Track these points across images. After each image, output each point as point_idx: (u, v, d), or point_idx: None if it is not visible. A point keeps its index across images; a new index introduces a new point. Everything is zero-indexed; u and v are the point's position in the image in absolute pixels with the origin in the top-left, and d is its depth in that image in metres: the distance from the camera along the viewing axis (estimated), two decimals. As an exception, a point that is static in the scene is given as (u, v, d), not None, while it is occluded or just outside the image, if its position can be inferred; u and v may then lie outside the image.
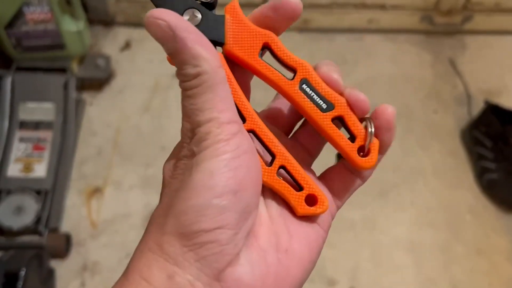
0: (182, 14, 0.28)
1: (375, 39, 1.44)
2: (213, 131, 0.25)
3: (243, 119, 0.29)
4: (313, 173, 0.32)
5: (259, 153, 0.29)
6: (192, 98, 0.26)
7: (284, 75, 0.30)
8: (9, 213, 1.03)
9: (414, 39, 1.44)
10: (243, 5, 0.30)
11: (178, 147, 0.28)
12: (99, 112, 1.27)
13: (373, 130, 0.29)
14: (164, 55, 0.27)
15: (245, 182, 0.26)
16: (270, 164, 0.29)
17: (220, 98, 0.26)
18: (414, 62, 1.40)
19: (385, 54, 1.41)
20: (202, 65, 0.25)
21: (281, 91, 0.30)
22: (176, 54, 0.26)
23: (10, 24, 1.14)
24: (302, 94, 0.30)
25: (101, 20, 1.40)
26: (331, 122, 0.30)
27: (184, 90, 0.26)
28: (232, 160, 0.25)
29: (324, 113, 0.30)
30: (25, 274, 0.88)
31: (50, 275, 1.00)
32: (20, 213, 1.03)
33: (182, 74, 0.26)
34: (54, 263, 1.03)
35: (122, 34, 1.40)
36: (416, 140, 1.26)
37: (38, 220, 1.04)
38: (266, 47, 0.30)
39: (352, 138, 0.30)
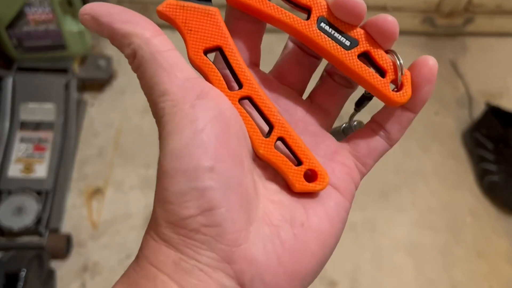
0: None
1: (376, 40, 1.44)
2: (166, 105, 0.23)
3: (240, 85, 0.26)
4: (330, 138, 0.30)
5: (256, 122, 0.27)
6: (142, 79, 0.24)
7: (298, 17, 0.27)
8: (10, 214, 1.03)
9: (416, 41, 1.44)
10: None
11: None
12: (100, 112, 1.27)
13: (401, 61, 0.27)
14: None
15: (221, 153, 0.23)
16: (267, 135, 0.27)
17: (163, 67, 0.24)
18: (415, 64, 1.40)
19: (386, 55, 1.41)
20: (133, 41, 0.24)
21: (298, 34, 0.27)
22: (112, 41, 0.24)
23: (12, 25, 1.14)
24: (322, 33, 0.27)
25: (102, 20, 1.40)
26: (358, 60, 0.27)
27: (135, 73, 0.25)
28: (196, 133, 0.23)
29: (349, 51, 0.27)
30: (26, 274, 0.88)
31: (50, 275, 1.00)
32: (20, 213, 1.03)
33: (127, 58, 0.25)
34: (54, 264, 1.03)
35: (123, 34, 1.40)
36: (417, 141, 1.26)
37: (38, 220, 1.03)
38: None
39: (382, 74, 0.27)
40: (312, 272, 0.26)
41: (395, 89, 0.27)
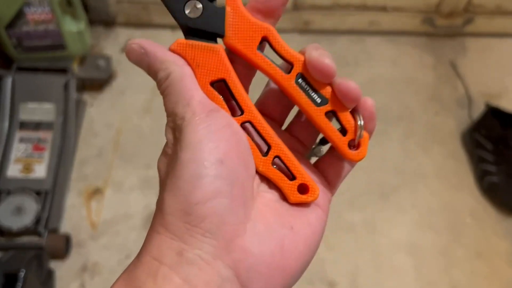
0: (184, 6, 0.30)
1: (376, 41, 1.44)
2: (187, 115, 0.28)
3: (241, 111, 0.30)
4: (308, 163, 0.33)
5: (256, 143, 0.31)
6: (168, 96, 0.29)
7: (281, 69, 0.31)
8: (9, 214, 1.03)
9: (415, 41, 1.44)
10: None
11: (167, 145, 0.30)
12: (99, 112, 1.27)
13: (362, 124, 0.31)
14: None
15: (229, 153, 0.27)
16: (265, 154, 0.31)
17: (188, 88, 0.29)
18: (415, 64, 1.40)
19: (386, 56, 1.41)
20: (169, 67, 0.29)
21: (278, 84, 0.31)
22: (150, 67, 0.30)
23: (11, 24, 1.14)
24: (298, 88, 0.31)
25: (102, 20, 1.40)
26: (325, 116, 0.31)
27: (162, 94, 0.29)
28: (211, 133, 0.27)
29: (318, 107, 0.31)
30: (25, 275, 0.88)
31: (49, 276, 1.00)
32: (19, 213, 1.03)
33: (158, 81, 0.30)
34: (53, 264, 1.03)
35: (123, 34, 1.40)
36: (417, 142, 1.26)
37: (37, 220, 1.03)
38: (265, 40, 0.31)
39: (344, 131, 0.31)
40: (299, 270, 0.29)
41: (353, 147, 0.31)
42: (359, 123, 0.31)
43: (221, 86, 0.30)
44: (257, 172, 0.31)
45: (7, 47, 1.18)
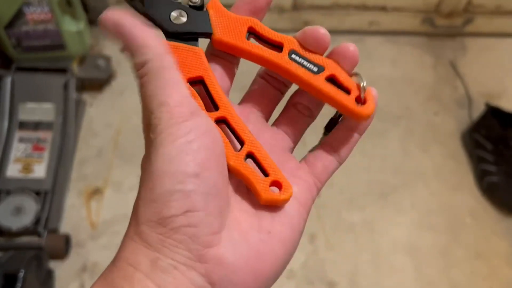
0: (169, 15, 0.31)
1: (376, 41, 1.44)
2: (163, 116, 0.26)
3: (216, 107, 0.31)
4: (293, 158, 0.33)
5: (229, 139, 0.30)
6: (144, 86, 0.27)
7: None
8: (8, 214, 1.02)
9: (415, 41, 1.44)
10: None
11: None
12: (99, 112, 1.27)
13: (365, 82, 0.31)
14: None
15: (207, 162, 0.26)
16: (239, 150, 0.31)
17: (167, 82, 0.27)
18: (415, 64, 1.40)
19: (386, 56, 1.41)
20: (147, 53, 0.27)
21: (273, 64, 0.32)
22: (126, 48, 0.28)
23: (10, 24, 1.14)
24: (293, 62, 0.32)
25: (101, 20, 1.40)
26: (325, 81, 0.32)
27: (138, 80, 0.28)
28: (188, 143, 0.26)
29: (317, 75, 0.31)
30: (24, 275, 0.88)
31: (49, 276, 1.00)
32: (19, 213, 1.03)
33: (134, 64, 0.28)
34: (53, 264, 1.03)
35: (122, 34, 1.40)
36: (416, 142, 1.26)
37: (37, 221, 1.03)
38: (251, 32, 0.32)
39: (347, 93, 0.32)
40: (275, 273, 0.29)
41: (360, 103, 0.31)
42: (362, 82, 0.31)
43: (198, 86, 0.31)
44: (232, 174, 0.30)
45: (7, 47, 1.18)
